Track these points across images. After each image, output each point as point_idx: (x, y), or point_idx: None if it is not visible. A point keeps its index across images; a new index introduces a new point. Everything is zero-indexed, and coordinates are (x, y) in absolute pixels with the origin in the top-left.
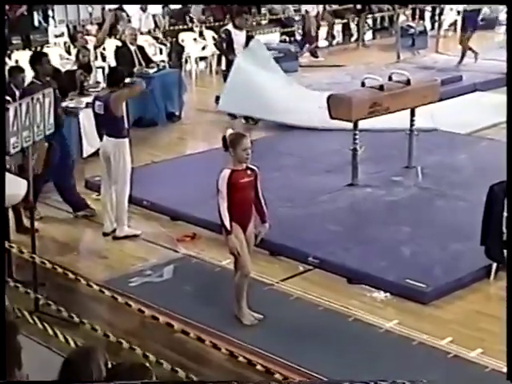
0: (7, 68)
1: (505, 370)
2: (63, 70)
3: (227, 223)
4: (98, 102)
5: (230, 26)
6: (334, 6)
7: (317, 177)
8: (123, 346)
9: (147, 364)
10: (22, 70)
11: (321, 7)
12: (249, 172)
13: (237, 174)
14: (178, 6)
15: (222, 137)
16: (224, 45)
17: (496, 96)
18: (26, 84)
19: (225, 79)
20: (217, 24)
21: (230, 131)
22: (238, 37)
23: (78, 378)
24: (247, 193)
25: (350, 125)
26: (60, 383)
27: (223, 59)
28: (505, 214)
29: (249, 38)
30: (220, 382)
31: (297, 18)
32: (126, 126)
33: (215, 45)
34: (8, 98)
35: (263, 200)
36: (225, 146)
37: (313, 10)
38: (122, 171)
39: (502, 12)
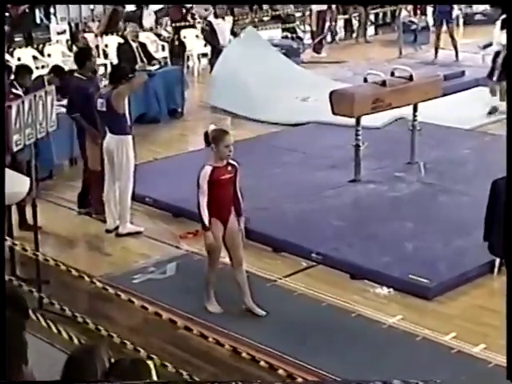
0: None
1: None
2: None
3: (205, 219)
4: (100, 100)
5: (211, 17)
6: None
7: (320, 173)
8: (126, 342)
9: (149, 361)
10: (30, 71)
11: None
12: (229, 168)
13: (218, 170)
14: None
15: (204, 133)
16: (209, 35)
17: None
18: (71, 79)
19: (211, 68)
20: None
21: (212, 127)
22: (220, 26)
23: (82, 375)
24: (227, 188)
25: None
26: (61, 383)
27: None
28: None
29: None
30: (222, 382)
31: (298, 14)
32: (129, 122)
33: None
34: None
35: (240, 194)
36: (207, 141)
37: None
38: (126, 168)
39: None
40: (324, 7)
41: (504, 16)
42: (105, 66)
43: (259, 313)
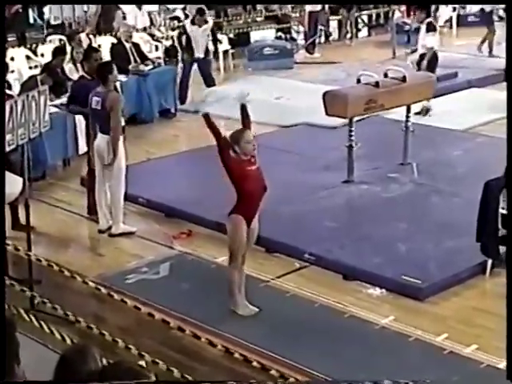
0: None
1: (500, 365)
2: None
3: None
4: (95, 98)
5: (187, 22)
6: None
7: (313, 174)
8: (119, 343)
9: (144, 364)
10: None
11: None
12: (252, 160)
13: (243, 162)
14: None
15: (222, 138)
16: (183, 41)
17: (491, 92)
18: (75, 79)
19: (182, 82)
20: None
21: (228, 132)
22: (195, 33)
23: (74, 375)
24: (257, 182)
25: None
26: (59, 383)
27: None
28: (500, 210)
29: (214, 35)
30: (217, 382)
31: (293, 15)
32: (122, 123)
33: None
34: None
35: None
36: (229, 146)
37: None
38: (117, 168)
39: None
40: (317, 8)
41: (429, 19)
42: None
43: (242, 313)
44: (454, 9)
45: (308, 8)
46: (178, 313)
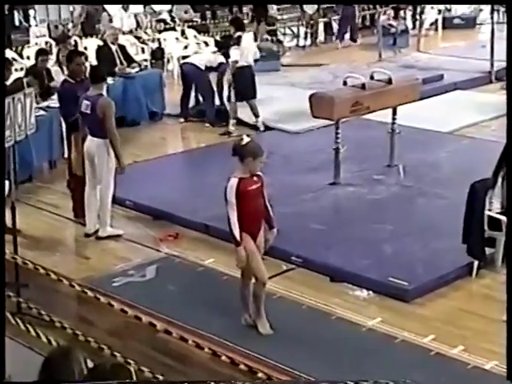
0: None
1: (487, 366)
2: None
3: (237, 234)
4: (86, 102)
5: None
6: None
7: (299, 176)
8: (104, 347)
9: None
10: None
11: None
12: (255, 179)
13: (245, 182)
14: None
15: (236, 143)
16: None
17: (477, 95)
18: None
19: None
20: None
21: (247, 139)
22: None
23: (58, 376)
24: (257, 201)
25: None
26: (57, 383)
27: None
28: (486, 211)
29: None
30: (201, 381)
31: (279, 17)
32: None
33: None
34: None
35: (270, 206)
36: (238, 153)
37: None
38: (106, 171)
39: (481, 12)
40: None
41: (239, 34)
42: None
43: (263, 331)
44: (440, 11)
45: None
46: (165, 315)
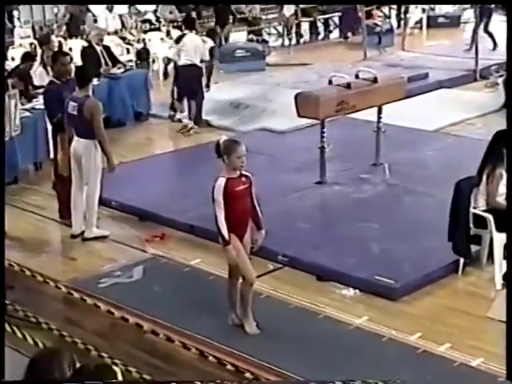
0: None
1: (473, 363)
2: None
3: (225, 233)
4: (72, 103)
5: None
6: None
7: (285, 175)
8: (91, 348)
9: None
10: None
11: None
12: (243, 179)
13: (232, 182)
14: None
15: (215, 143)
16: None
17: (462, 93)
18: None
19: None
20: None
21: (223, 138)
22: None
23: (44, 377)
24: (244, 201)
25: None
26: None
27: None
28: (471, 209)
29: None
30: (189, 381)
31: (263, 17)
32: None
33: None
34: None
35: (258, 207)
36: (218, 152)
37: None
38: (93, 172)
39: (465, 11)
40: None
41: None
42: None
43: (250, 331)
44: (424, 10)
45: None
46: (152, 316)
